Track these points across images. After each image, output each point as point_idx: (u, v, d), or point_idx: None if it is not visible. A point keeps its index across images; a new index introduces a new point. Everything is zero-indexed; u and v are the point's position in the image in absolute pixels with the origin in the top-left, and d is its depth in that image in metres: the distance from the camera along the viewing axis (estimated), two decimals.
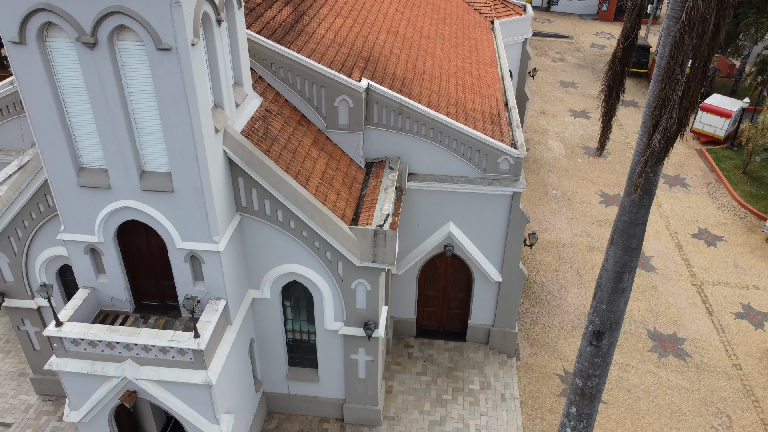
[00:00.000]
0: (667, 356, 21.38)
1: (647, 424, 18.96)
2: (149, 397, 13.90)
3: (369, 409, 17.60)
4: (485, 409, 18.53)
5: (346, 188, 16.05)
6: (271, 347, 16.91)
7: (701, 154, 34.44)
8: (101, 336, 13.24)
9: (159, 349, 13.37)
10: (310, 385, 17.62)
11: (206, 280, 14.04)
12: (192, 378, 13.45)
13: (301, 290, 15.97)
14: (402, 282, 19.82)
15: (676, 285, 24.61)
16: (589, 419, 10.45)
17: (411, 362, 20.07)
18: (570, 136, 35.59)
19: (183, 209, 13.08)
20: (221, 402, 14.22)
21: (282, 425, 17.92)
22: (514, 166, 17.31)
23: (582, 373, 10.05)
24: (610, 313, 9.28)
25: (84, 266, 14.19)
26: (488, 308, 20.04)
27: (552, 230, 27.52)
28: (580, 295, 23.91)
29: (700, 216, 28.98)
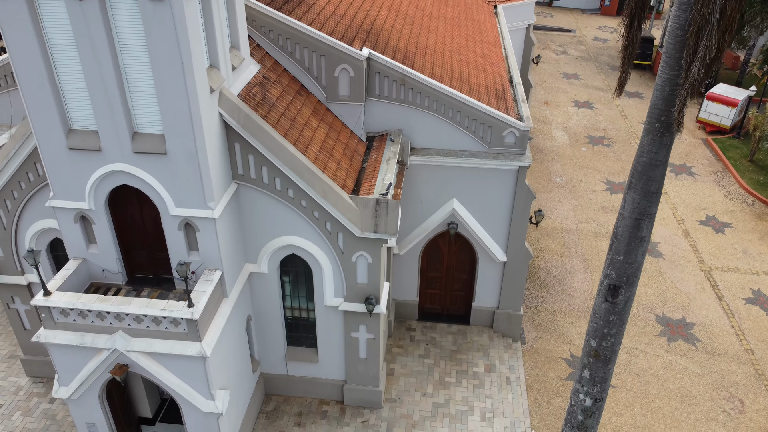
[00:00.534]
0: (677, 341, 20.80)
1: (657, 408, 18.37)
2: (141, 370, 13.34)
3: (370, 390, 17.02)
4: (490, 391, 17.95)
5: (347, 159, 15.52)
6: (268, 325, 16.35)
7: (707, 143, 33.92)
8: (91, 305, 12.70)
9: (151, 320, 12.82)
10: (310, 365, 17.05)
11: (201, 250, 13.50)
12: (186, 350, 12.90)
13: (300, 264, 15.43)
14: (404, 263, 19.27)
15: (684, 271, 24.04)
16: (603, 383, 9.89)
17: (413, 345, 19.51)
18: (574, 126, 35.09)
19: (176, 173, 12.56)
20: (216, 377, 13.66)
21: (280, 407, 17.34)
22: (519, 140, 16.78)
23: (596, 332, 9.49)
24: (627, 265, 8.72)
25: (74, 236, 13.65)
26: (493, 290, 19.48)
27: (557, 217, 26.97)
28: (586, 280, 23.34)
29: (707, 204, 28.43)
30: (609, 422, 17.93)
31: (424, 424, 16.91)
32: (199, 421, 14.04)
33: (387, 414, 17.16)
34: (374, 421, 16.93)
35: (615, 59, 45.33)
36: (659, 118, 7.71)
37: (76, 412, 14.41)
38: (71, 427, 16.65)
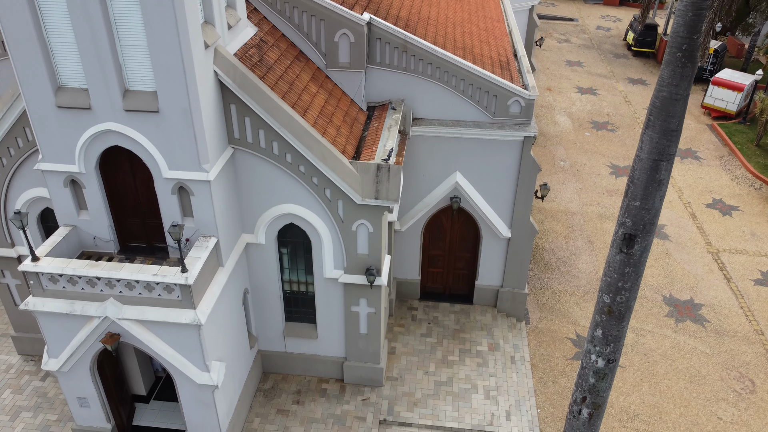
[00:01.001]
0: (684, 321, 20.30)
1: (665, 388, 17.88)
2: (133, 340, 12.84)
3: (371, 367, 16.52)
4: (494, 370, 17.45)
5: (347, 126, 15.03)
6: (266, 299, 15.85)
7: (713, 128, 33.41)
8: (81, 271, 12.20)
9: (144, 286, 12.33)
10: (309, 342, 16.55)
11: (195, 215, 13.00)
12: (179, 317, 12.40)
13: (299, 235, 14.93)
14: (405, 240, 18.78)
15: (691, 252, 23.54)
16: (616, 342, 9.39)
17: (415, 324, 19.01)
18: (577, 111, 34.59)
19: (170, 133, 12.06)
20: (211, 348, 13.17)
21: (278, 385, 16.84)
22: (525, 109, 16.28)
23: (610, 287, 8.99)
24: (644, 211, 8.22)
25: (64, 201, 13.16)
26: (497, 268, 18.98)
27: (561, 200, 26.47)
28: (591, 261, 22.85)
29: (714, 187, 27.94)
30: (617, 401, 17.44)
31: (427, 402, 16.42)
32: (193, 394, 13.55)
33: (388, 392, 16.67)
34: (375, 399, 16.44)
35: (618, 47, 44.84)
36: (680, 47, 7.21)
37: (67, 385, 13.92)
38: (63, 405, 16.16)
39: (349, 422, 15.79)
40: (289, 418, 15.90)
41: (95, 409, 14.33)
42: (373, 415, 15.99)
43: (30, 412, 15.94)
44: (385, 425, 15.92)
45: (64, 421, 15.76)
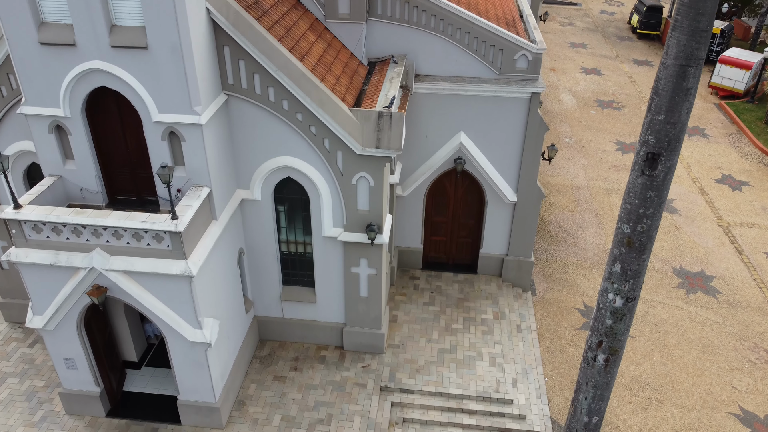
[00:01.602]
0: (696, 293, 19.64)
1: (678, 357, 17.21)
2: (122, 294, 12.18)
3: (371, 333, 15.86)
4: (500, 338, 16.78)
5: (347, 77, 14.37)
6: (262, 261, 15.19)
7: (720, 107, 32.74)
8: (66, 218, 11.55)
9: (132, 235, 11.67)
10: (307, 306, 15.89)
11: (187, 164, 12.34)
12: (170, 268, 11.74)
13: (296, 191, 14.28)
14: (408, 206, 18.12)
15: (701, 226, 22.87)
16: (636, 279, 8.71)
17: (417, 293, 18.34)
18: (582, 91, 33.92)
19: (159, 72, 11.40)
20: (204, 303, 12.51)
21: (275, 352, 16.18)
22: (532, 64, 15.62)
23: (630, 215, 8.30)
24: (669, 125, 7.53)
25: (49, 149, 12.51)
26: (502, 235, 18.31)
27: (566, 175, 25.81)
28: (599, 234, 22.19)
29: (723, 163, 27.27)
30: (627, 371, 16.79)
31: (430, 369, 15.76)
32: (185, 353, 12.90)
33: (389, 359, 16.01)
34: (376, 366, 15.78)
35: (623, 30, 44.16)
36: None
37: (53, 345, 13.27)
38: (51, 371, 15.51)
39: (348, 389, 15.13)
40: (286, 384, 15.25)
41: (83, 372, 13.67)
42: (374, 381, 15.33)
43: (16, 378, 15.29)
44: (387, 392, 15.26)
45: (51, 387, 15.11)
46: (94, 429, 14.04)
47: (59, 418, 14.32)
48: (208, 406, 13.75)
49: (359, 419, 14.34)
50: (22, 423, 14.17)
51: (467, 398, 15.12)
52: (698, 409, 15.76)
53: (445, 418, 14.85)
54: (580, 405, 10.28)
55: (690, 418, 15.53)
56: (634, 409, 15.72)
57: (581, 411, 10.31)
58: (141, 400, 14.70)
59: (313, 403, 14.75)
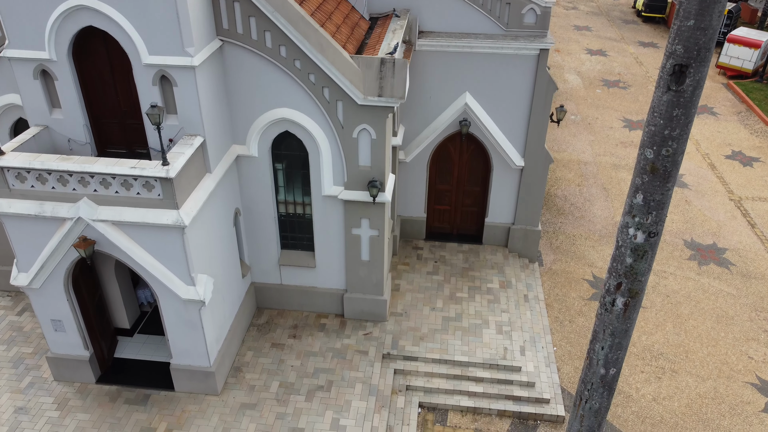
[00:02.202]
0: (708, 264, 19.00)
1: (691, 327, 16.58)
2: (110, 248, 11.55)
3: (373, 299, 15.23)
4: (506, 306, 16.15)
5: (347, 28, 13.74)
6: (260, 223, 14.57)
7: (728, 87, 32.09)
8: (51, 164, 10.93)
9: (120, 183, 11.05)
10: (306, 272, 15.26)
11: (179, 111, 11.72)
12: (160, 218, 11.12)
13: (295, 147, 13.65)
14: (411, 172, 17.49)
15: (712, 200, 22.23)
16: (659, 210, 8.07)
17: (420, 263, 17.71)
18: (587, 71, 33.28)
19: (149, 10, 10.77)
20: (197, 258, 11.89)
21: (273, 320, 15.56)
22: (540, 18, 14.99)
23: (654, 138, 7.66)
24: (699, 32, 6.86)
25: (35, 96, 11.89)
26: (508, 202, 17.67)
27: (572, 150, 25.18)
28: (606, 207, 21.56)
29: (733, 140, 26.62)
30: (639, 341, 16.16)
31: (434, 336, 15.13)
32: (178, 312, 12.27)
33: (392, 327, 15.38)
34: (378, 334, 15.15)
35: (627, 14, 43.50)
36: None
37: (39, 305, 12.64)
38: (39, 338, 14.89)
39: (349, 356, 14.50)
40: (284, 351, 14.62)
41: (71, 335, 13.05)
42: (376, 349, 14.70)
43: (3, 345, 14.68)
44: (389, 359, 14.63)
45: (40, 354, 14.49)
46: (83, 395, 13.42)
47: (47, 384, 13.70)
48: (202, 371, 13.13)
49: (360, 386, 13.71)
50: (8, 389, 13.55)
51: (473, 365, 14.50)
52: (714, 379, 15.12)
53: (451, 385, 14.22)
54: (597, 356, 9.64)
55: (706, 387, 14.90)
56: (647, 378, 15.08)
57: (597, 362, 9.66)
58: (133, 366, 14.08)
59: (313, 369, 14.13)
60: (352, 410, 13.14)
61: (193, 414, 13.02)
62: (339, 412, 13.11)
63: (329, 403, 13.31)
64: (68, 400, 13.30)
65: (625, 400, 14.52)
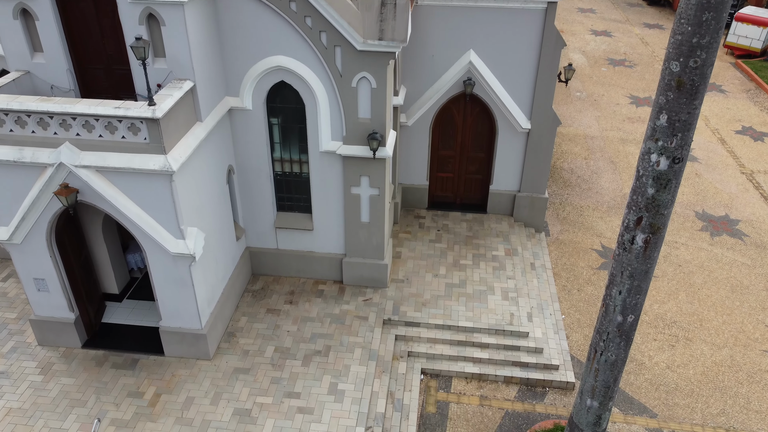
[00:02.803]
0: (721, 235, 18.32)
1: (705, 297, 15.91)
2: (94, 197, 10.89)
3: (373, 264, 14.55)
4: (512, 273, 15.47)
5: None
6: (254, 182, 13.90)
7: (737, 66, 31.41)
8: (30, 105, 10.27)
9: (104, 126, 10.38)
10: (303, 235, 14.59)
11: (168, 52, 11.04)
12: (147, 163, 10.45)
13: (291, 99, 12.98)
14: (412, 137, 16.81)
15: (723, 173, 21.56)
16: (685, 132, 7.41)
17: (423, 231, 17.04)
18: (592, 50, 32.61)
19: None
20: (186, 209, 11.22)
21: (269, 286, 14.89)
22: None
23: (680, 48, 7.00)
24: None
25: (14, 38, 11.23)
26: (514, 168, 16.99)
27: (578, 125, 24.51)
28: (614, 180, 20.88)
29: (742, 116, 25.94)
30: (650, 309, 15.49)
31: (437, 302, 14.45)
32: (167, 268, 11.60)
33: (393, 293, 14.71)
34: (378, 300, 14.47)
35: None
36: None
37: (21, 262, 11.98)
38: (24, 304, 14.23)
39: (348, 321, 13.83)
40: (280, 317, 13.95)
41: (55, 295, 12.38)
42: (376, 315, 14.03)
43: None
44: (390, 325, 13.97)
45: (24, 319, 13.84)
46: (68, 359, 12.76)
47: (31, 349, 13.04)
48: (193, 333, 12.46)
49: (360, 350, 13.04)
50: None
51: (478, 331, 13.82)
52: (730, 347, 14.45)
53: (455, 351, 13.56)
54: (613, 301, 8.97)
55: (721, 355, 14.22)
56: (660, 346, 14.41)
57: (614, 309, 9.00)
58: (121, 331, 13.42)
59: (310, 334, 13.46)
60: (351, 375, 12.48)
61: (184, 378, 12.36)
62: (337, 376, 12.44)
63: (327, 367, 12.65)
64: (52, 364, 12.64)
65: (638, 367, 13.84)
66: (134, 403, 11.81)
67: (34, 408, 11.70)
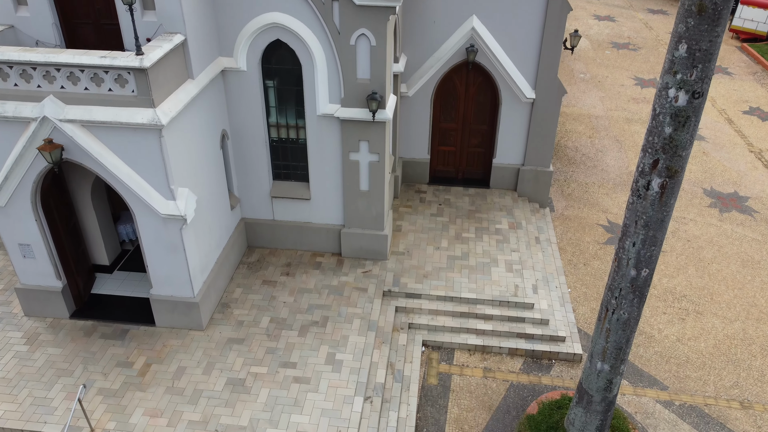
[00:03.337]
0: (730, 212, 17.82)
1: (715, 271, 15.41)
2: (81, 156, 10.39)
3: (373, 234, 14.05)
4: (516, 246, 14.98)
5: None
6: (250, 148, 13.41)
7: (743, 49, 30.88)
8: (11, 56, 9.78)
9: (90, 78, 9.89)
10: (300, 205, 14.10)
11: (158, 5, 10.55)
12: (134, 117, 9.96)
13: (288, 59, 12.49)
14: (413, 108, 16.32)
15: (731, 152, 21.06)
16: (706, 63, 6.90)
17: (424, 205, 16.54)
18: (596, 35, 32.09)
19: None
20: (177, 169, 10.73)
21: (265, 258, 14.40)
22: None
23: None
24: None
25: None
26: (518, 140, 16.49)
27: (582, 105, 24.01)
28: (620, 158, 20.38)
29: (749, 97, 25.43)
30: (659, 283, 14.99)
31: (439, 274, 13.96)
32: (157, 232, 11.11)
33: (393, 265, 14.21)
34: (378, 272, 13.98)
35: None
36: None
37: (5, 226, 11.48)
38: (10, 275, 13.75)
39: (347, 293, 13.34)
40: (276, 288, 13.46)
41: (42, 262, 11.89)
42: (376, 286, 13.54)
43: None
44: (390, 296, 13.48)
45: (10, 290, 13.35)
46: (56, 330, 12.27)
47: (17, 319, 12.55)
48: (185, 302, 11.97)
49: (359, 321, 12.55)
50: None
51: (481, 303, 13.33)
52: (742, 320, 13.95)
53: (457, 323, 13.06)
54: (626, 254, 8.46)
55: (734, 328, 13.72)
56: (669, 319, 13.91)
57: (627, 262, 8.49)
58: (111, 302, 12.93)
59: (307, 305, 12.97)
60: (350, 345, 11.98)
61: (175, 348, 11.86)
62: (335, 346, 11.94)
63: (324, 338, 12.15)
64: (39, 334, 12.15)
65: (647, 340, 13.35)
66: (123, 373, 11.32)
67: (19, 378, 11.21)
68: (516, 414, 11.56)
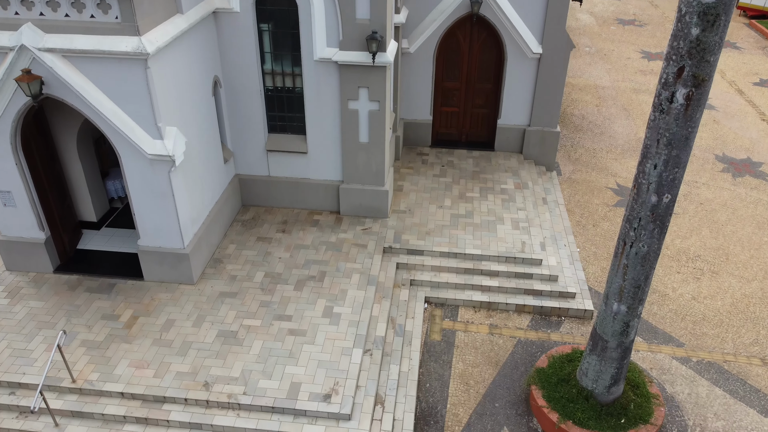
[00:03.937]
0: (743, 176, 17.19)
1: (730, 233, 14.78)
2: (62, 91, 9.76)
3: (373, 190, 13.42)
4: (523, 205, 14.35)
5: None
6: (243, 97, 12.78)
7: (751, 26, 30.26)
8: None
9: (71, 4, 9.26)
10: (297, 160, 13.47)
11: None
12: (118, 45, 9.33)
13: (283, 0, 11.85)
14: (415, 66, 15.68)
15: (742, 120, 20.42)
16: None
17: (426, 167, 15.91)
18: (600, 11, 31.48)
19: None
20: (164, 105, 10.10)
21: (261, 216, 13.77)
22: None
23: None
24: None
25: None
26: (524, 100, 15.85)
27: (588, 76, 23.38)
28: (628, 126, 19.76)
29: (760, 70, 24.79)
30: (672, 244, 14.37)
31: (442, 231, 13.33)
32: (144, 175, 10.48)
33: (394, 223, 13.58)
34: (378, 230, 13.35)
35: None
36: None
37: None
38: None
39: (345, 249, 12.71)
40: (271, 244, 12.84)
41: (23, 211, 11.26)
42: (376, 243, 12.91)
43: None
44: (391, 253, 12.85)
45: None
46: (38, 284, 11.64)
47: None
48: (174, 254, 11.34)
49: (358, 276, 11.92)
50: None
51: (487, 259, 12.70)
52: (759, 280, 13.32)
53: (461, 280, 12.43)
54: (647, 178, 7.81)
55: (751, 287, 13.09)
56: (684, 278, 13.28)
57: (648, 187, 7.83)
58: (97, 257, 12.31)
59: (303, 261, 12.34)
60: (348, 299, 11.35)
61: (164, 301, 11.24)
62: (333, 300, 11.31)
63: (321, 292, 11.52)
64: (20, 288, 11.53)
65: (661, 298, 12.71)
66: (108, 326, 10.69)
67: None
68: (524, 369, 10.93)
